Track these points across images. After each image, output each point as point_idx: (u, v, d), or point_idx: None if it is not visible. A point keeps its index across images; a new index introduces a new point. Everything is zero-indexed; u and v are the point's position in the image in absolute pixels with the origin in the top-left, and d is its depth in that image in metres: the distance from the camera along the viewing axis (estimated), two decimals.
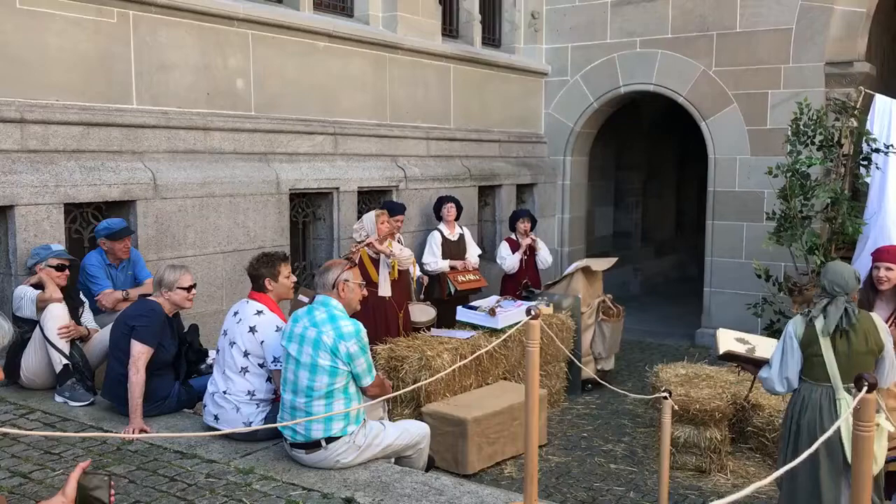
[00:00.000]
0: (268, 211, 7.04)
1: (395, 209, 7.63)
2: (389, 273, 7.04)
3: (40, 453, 4.24)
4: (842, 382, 4.12)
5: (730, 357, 4.93)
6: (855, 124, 7.31)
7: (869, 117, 7.32)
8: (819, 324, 4.15)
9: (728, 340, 4.92)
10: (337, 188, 7.71)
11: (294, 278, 4.88)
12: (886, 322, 4.73)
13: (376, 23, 8.50)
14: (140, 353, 4.58)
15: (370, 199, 8.26)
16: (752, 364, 4.77)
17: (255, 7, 7.04)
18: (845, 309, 4.12)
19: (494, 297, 7.62)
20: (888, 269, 4.79)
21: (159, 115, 6.33)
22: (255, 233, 6.92)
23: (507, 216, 9.22)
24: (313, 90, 7.63)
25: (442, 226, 8.27)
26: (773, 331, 7.48)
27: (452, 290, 7.95)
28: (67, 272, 5.22)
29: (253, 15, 6.96)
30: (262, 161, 7.10)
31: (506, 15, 10.84)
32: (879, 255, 4.93)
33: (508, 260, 8.50)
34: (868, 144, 7.03)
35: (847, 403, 4.06)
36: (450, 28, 9.79)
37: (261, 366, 4.49)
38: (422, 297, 7.85)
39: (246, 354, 4.48)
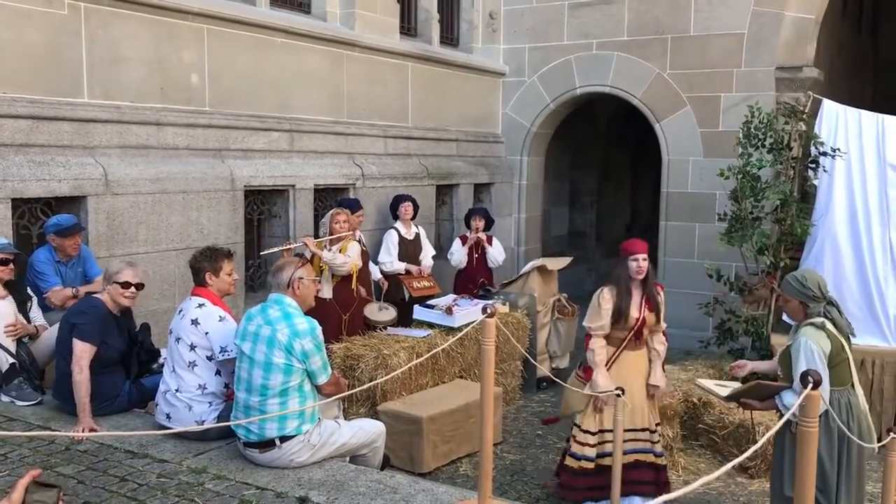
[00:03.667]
0: (222, 208, 6.95)
1: (352, 205, 7.58)
2: (333, 276, 6.99)
3: None
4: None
5: (737, 397, 4.56)
6: (804, 128, 7.47)
7: (817, 122, 7.49)
8: (832, 327, 4.04)
9: (717, 387, 4.87)
10: (293, 185, 7.65)
11: (236, 276, 4.83)
12: (640, 305, 5.05)
13: (334, 19, 8.44)
14: (82, 351, 4.50)
15: (327, 196, 8.21)
16: (769, 395, 4.29)
17: (211, 1, 6.95)
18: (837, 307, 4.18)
19: (451, 296, 7.63)
20: (644, 259, 5.06)
21: (111, 109, 6.21)
22: (208, 230, 6.83)
23: (465, 215, 9.25)
24: (269, 86, 7.56)
25: (398, 224, 8.24)
26: (723, 329, 7.61)
27: (407, 296, 7.93)
28: (12, 266, 5.09)
29: (208, 9, 6.86)
30: (217, 157, 7.01)
31: (464, 14, 10.84)
32: (634, 247, 5.10)
33: (456, 254, 8.56)
34: (816, 148, 7.19)
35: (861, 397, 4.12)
36: (408, 26, 9.77)
37: (209, 358, 4.45)
38: (382, 302, 7.77)
39: (192, 348, 4.43)
